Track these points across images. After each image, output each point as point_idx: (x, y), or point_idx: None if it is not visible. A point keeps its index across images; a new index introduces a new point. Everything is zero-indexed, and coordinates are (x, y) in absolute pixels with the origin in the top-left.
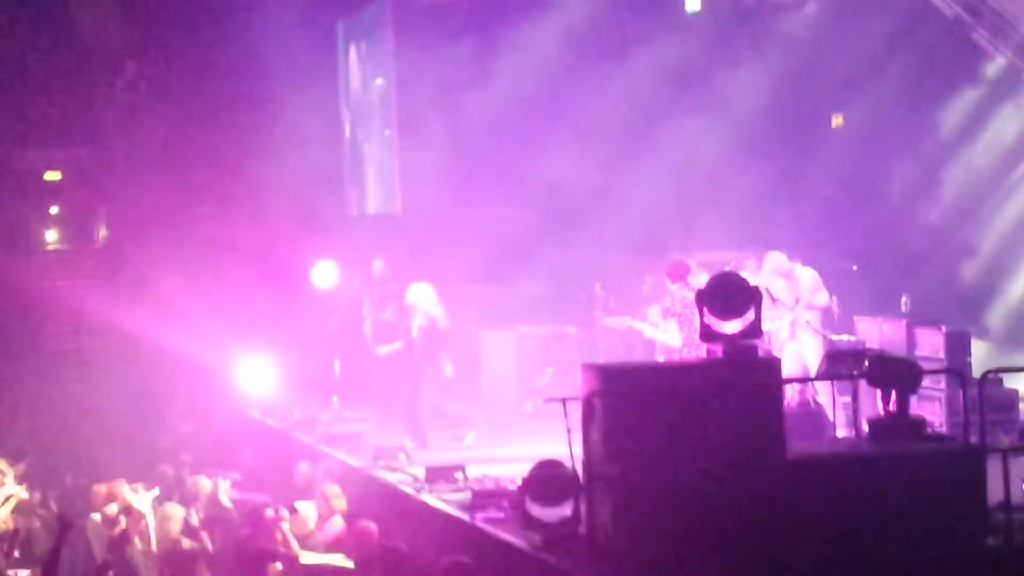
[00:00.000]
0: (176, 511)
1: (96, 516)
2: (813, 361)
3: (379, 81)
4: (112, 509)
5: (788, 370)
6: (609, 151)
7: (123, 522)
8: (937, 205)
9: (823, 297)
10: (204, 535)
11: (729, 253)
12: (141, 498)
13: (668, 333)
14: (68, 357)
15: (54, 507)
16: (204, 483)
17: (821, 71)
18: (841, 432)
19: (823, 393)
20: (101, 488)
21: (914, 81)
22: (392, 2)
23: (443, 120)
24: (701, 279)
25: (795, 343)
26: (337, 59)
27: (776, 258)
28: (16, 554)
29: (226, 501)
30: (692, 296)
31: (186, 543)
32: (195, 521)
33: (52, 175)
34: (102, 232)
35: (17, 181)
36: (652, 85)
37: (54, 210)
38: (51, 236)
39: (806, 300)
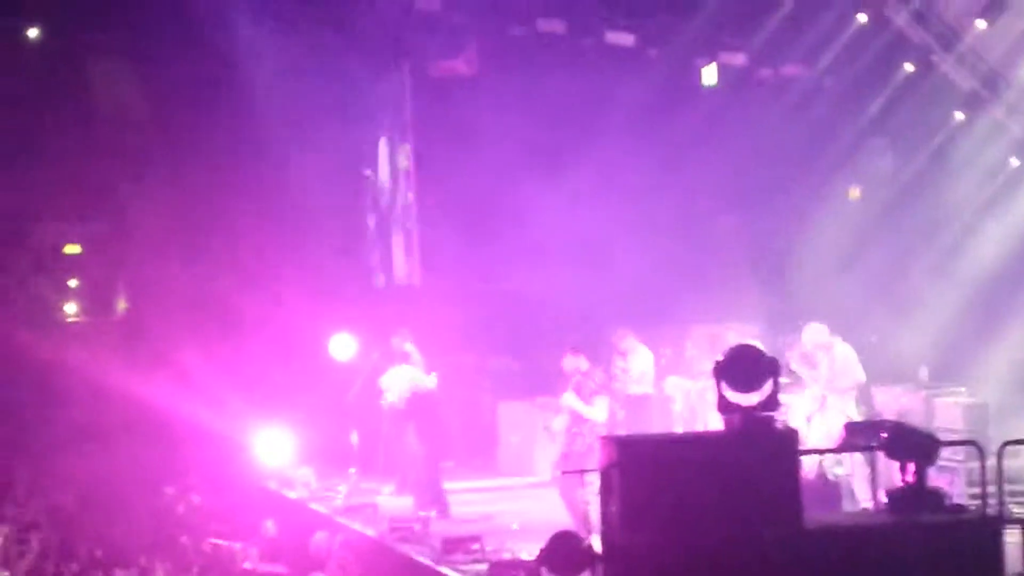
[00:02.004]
0: None
1: None
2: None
3: (404, 153)
4: None
5: (815, 443)
6: (628, 221)
7: None
8: (955, 277)
9: (847, 379)
10: None
11: (737, 325)
12: None
13: (597, 409)
14: (86, 429)
15: None
16: (233, 552)
17: (837, 144)
18: (864, 504)
19: (846, 465)
20: None
21: (931, 154)
22: (410, 75)
23: (460, 192)
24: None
25: (823, 416)
26: (358, 129)
27: (816, 330)
28: None
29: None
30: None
31: None
32: None
33: (71, 248)
34: (121, 305)
35: (36, 254)
36: (667, 156)
37: (73, 283)
38: (70, 309)
39: (827, 377)
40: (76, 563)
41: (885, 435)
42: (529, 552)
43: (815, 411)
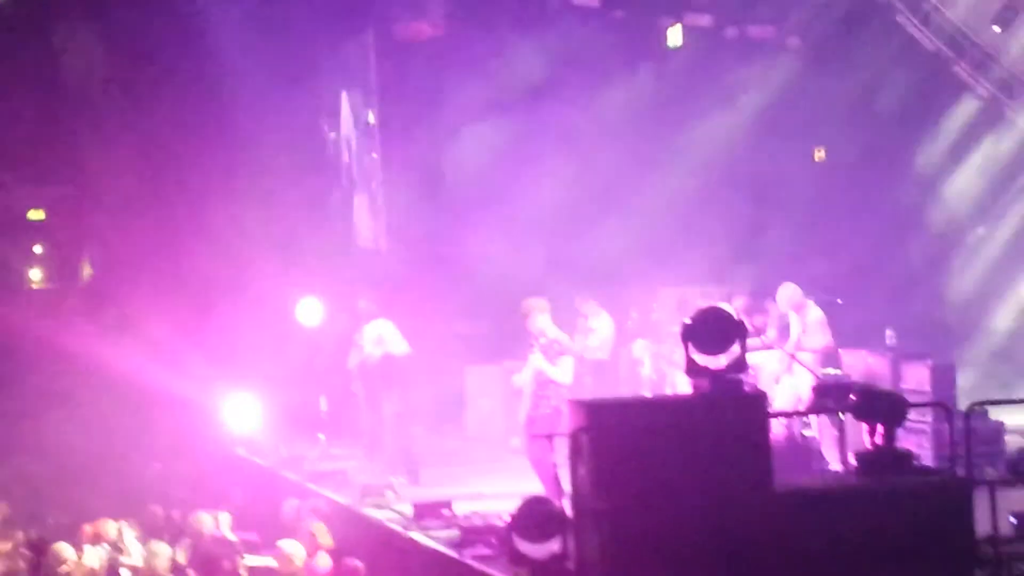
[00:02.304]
0: (163, 549)
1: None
2: (808, 396)
3: (370, 115)
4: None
5: (783, 404)
6: (594, 184)
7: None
8: (920, 238)
9: (817, 340)
10: (190, 573)
11: (703, 288)
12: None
13: (562, 370)
14: (53, 396)
15: None
16: (205, 519)
17: (802, 105)
18: (833, 466)
19: (815, 427)
20: (88, 528)
21: (896, 115)
22: (374, 38)
23: (426, 155)
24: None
25: (792, 377)
26: (323, 92)
27: (789, 290)
28: None
29: (230, 535)
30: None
31: None
32: (182, 559)
33: (36, 214)
34: (86, 270)
35: (0, 220)
36: (633, 119)
37: (38, 249)
38: (35, 275)
39: (796, 338)
40: (43, 529)
41: (853, 397)
42: (500, 517)
43: (783, 373)
